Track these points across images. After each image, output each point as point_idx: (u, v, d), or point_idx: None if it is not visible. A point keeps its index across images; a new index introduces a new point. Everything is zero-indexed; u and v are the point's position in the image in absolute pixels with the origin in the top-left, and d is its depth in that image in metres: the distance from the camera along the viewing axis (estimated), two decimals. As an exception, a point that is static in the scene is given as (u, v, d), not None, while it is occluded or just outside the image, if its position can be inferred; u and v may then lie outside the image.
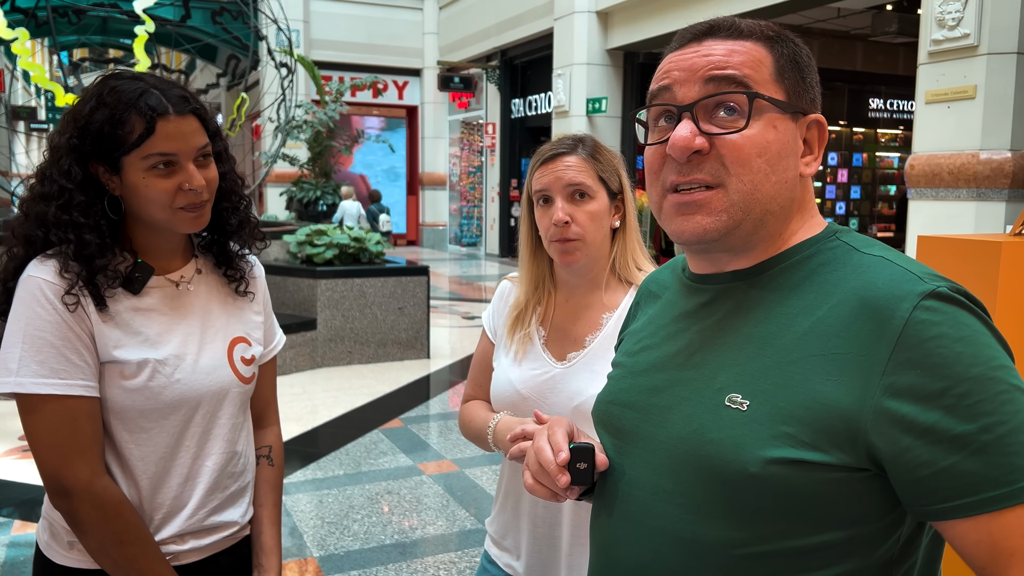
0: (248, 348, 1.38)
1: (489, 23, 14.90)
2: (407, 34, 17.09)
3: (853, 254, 0.83)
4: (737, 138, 0.82)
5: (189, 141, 1.21)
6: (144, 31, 6.27)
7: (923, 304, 0.74)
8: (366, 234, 6.79)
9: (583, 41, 11.48)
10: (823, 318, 0.79)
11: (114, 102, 1.19)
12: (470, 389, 1.61)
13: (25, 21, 7.25)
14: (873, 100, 14.61)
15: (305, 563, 3.17)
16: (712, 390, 0.85)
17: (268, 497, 1.45)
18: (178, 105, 1.21)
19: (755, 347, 0.83)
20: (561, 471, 0.92)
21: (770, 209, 0.85)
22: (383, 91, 16.84)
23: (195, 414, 1.30)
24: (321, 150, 11.74)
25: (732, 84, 0.83)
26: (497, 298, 1.59)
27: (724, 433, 0.81)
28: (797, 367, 0.79)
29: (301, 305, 6.45)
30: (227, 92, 16.45)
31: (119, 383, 1.23)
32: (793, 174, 0.86)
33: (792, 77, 0.86)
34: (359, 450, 4.54)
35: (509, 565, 1.51)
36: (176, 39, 9.22)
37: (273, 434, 1.51)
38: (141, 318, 1.26)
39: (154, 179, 1.20)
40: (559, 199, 1.39)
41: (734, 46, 0.85)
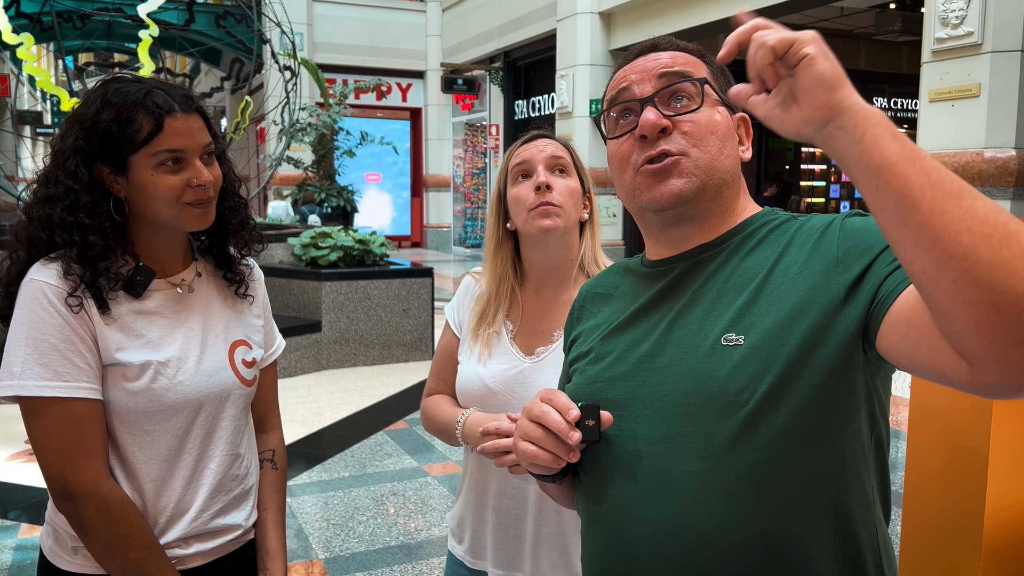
0: (249, 351, 1.39)
1: (492, 25, 14.92)
2: (410, 36, 17.11)
3: (794, 219, 1.00)
4: (693, 117, 0.98)
5: (196, 138, 1.23)
6: (148, 35, 6.30)
7: (849, 213, 0.95)
8: (370, 236, 6.81)
9: (586, 42, 11.48)
10: (781, 258, 0.94)
11: (120, 102, 1.20)
12: (433, 383, 1.60)
13: (30, 26, 7.29)
14: (877, 99, 14.58)
15: (311, 565, 3.18)
16: (706, 339, 0.93)
17: (272, 500, 1.45)
18: (183, 103, 1.23)
19: (732, 296, 0.94)
20: (572, 428, 0.95)
21: (725, 180, 0.99)
22: (387, 93, 16.85)
23: (197, 416, 1.30)
24: (325, 153, 11.76)
25: (681, 77, 0.99)
26: (461, 292, 1.59)
27: (731, 367, 0.89)
28: (775, 296, 0.91)
29: (306, 307, 6.46)
30: (231, 96, 16.48)
31: (122, 385, 1.23)
32: (736, 154, 1.02)
33: (723, 81, 1.04)
34: (364, 452, 4.55)
35: (475, 562, 1.52)
36: (180, 43, 9.26)
37: (276, 438, 1.52)
38: (143, 321, 1.26)
39: (162, 175, 1.21)
40: (541, 168, 1.44)
41: (675, 55, 1.03)
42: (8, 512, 3.69)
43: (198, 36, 9.52)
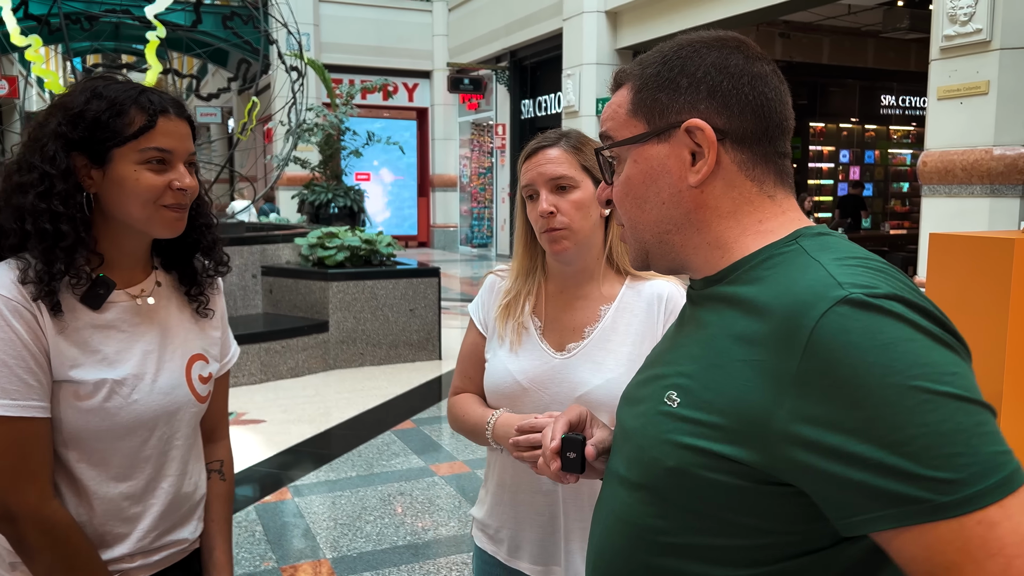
0: (206, 365, 1.35)
1: (498, 24, 14.91)
2: (417, 36, 17.12)
3: (801, 257, 0.81)
4: (612, 189, 0.95)
5: (184, 143, 1.22)
6: (155, 36, 6.31)
7: (835, 310, 0.71)
8: (376, 236, 6.81)
9: (592, 41, 11.47)
10: (753, 323, 0.79)
11: (114, 95, 1.18)
12: (459, 382, 1.60)
13: (38, 28, 7.32)
14: (885, 97, 14.53)
15: (319, 564, 3.19)
16: (660, 388, 0.88)
17: (219, 512, 1.42)
18: (176, 108, 1.22)
19: (699, 349, 0.86)
20: (553, 457, 1.05)
21: (662, 230, 0.90)
22: (393, 93, 16.87)
23: (152, 435, 1.26)
24: (332, 153, 11.77)
25: (604, 140, 0.95)
26: (485, 291, 1.59)
27: (656, 428, 0.86)
28: (724, 370, 0.80)
29: (313, 307, 6.47)
30: (238, 96, 16.52)
31: (73, 403, 1.18)
32: (672, 192, 0.88)
33: (647, 97, 0.89)
34: (371, 451, 4.56)
35: (511, 559, 1.52)
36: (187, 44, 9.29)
37: (224, 448, 1.48)
38: (100, 335, 1.21)
39: (146, 173, 1.18)
40: (543, 192, 1.43)
41: (611, 100, 0.95)
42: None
43: (205, 37, 9.54)
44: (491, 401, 1.51)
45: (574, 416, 1.09)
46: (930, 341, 0.70)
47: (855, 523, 0.71)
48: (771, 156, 0.88)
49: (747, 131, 0.86)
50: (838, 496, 0.71)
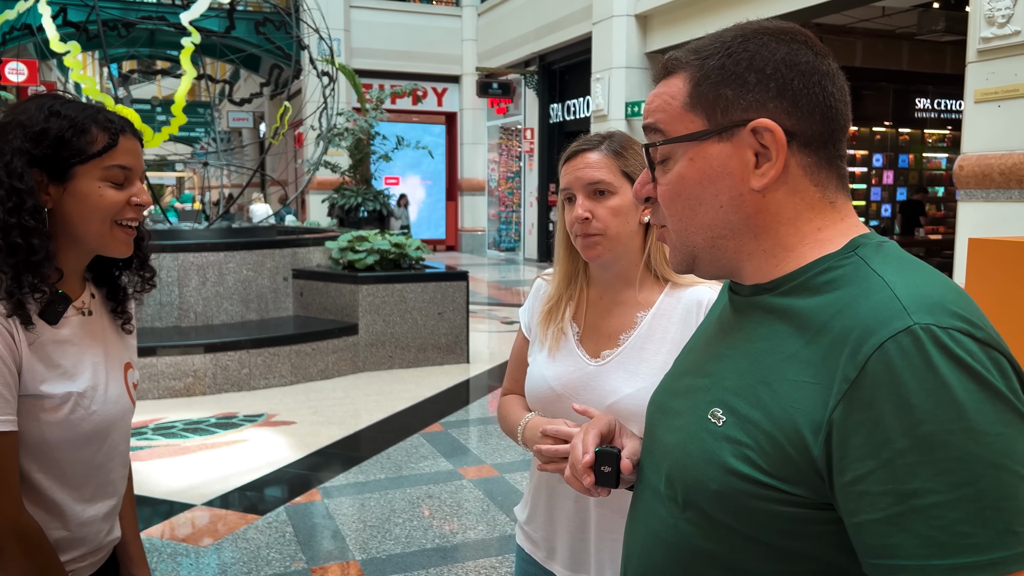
0: (134, 373, 1.41)
1: (527, 29, 14.94)
2: (446, 41, 17.22)
3: (863, 272, 0.77)
4: (658, 186, 0.87)
5: (140, 160, 1.28)
6: (190, 42, 6.41)
7: (894, 340, 0.68)
8: (406, 240, 6.85)
9: (621, 45, 11.44)
10: (808, 342, 0.76)
11: (74, 114, 1.22)
12: (507, 383, 1.63)
13: (77, 34, 7.47)
14: (920, 100, 14.32)
15: (348, 566, 3.21)
16: (704, 402, 0.85)
17: (128, 509, 1.47)
18: (131, 129, 1.27)
19: (747, 363, 0.82)
20: (586, 472, 1.00)
21: (716, 235, 0.84)
22: (422, 98, 16.97)
23: (104, 443, 1.30)
24: (362, 157, 11.87)
25: (651, 132, 0.87)
26: (532, 295, 1.61)
27: (700, 447, 0.82)
28: (772, 389, 0.77)
29: (343, 310, 6.52)
30: (270, 101, 16.72)
31: (38, 416, 1.20)
32: (732, 195, 0.82)
33: (710, 92, 0.82)
34: (400, 454, 4.58)
35: (547, 561, 1.52)
36: (221, 50, 9.42)
37: None
38: (60, 350, 1.24)
39: (108, 189, 1.23)
40: (580, 196, 1.42)
41: (659, 89, 0.87)
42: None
43: (238, 43, 9.67)
44: (530, 404, 1.52)
45: (604, 427, 1.05)
46: (975, 393, 0.66)
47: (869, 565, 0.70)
48: (834, 159, 0.83)
49: (814, 133, 0.81)
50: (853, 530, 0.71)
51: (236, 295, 6.48)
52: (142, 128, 6.51)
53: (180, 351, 5.69)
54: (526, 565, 1.57)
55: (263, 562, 3.23)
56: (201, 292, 6.35)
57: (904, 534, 0.67)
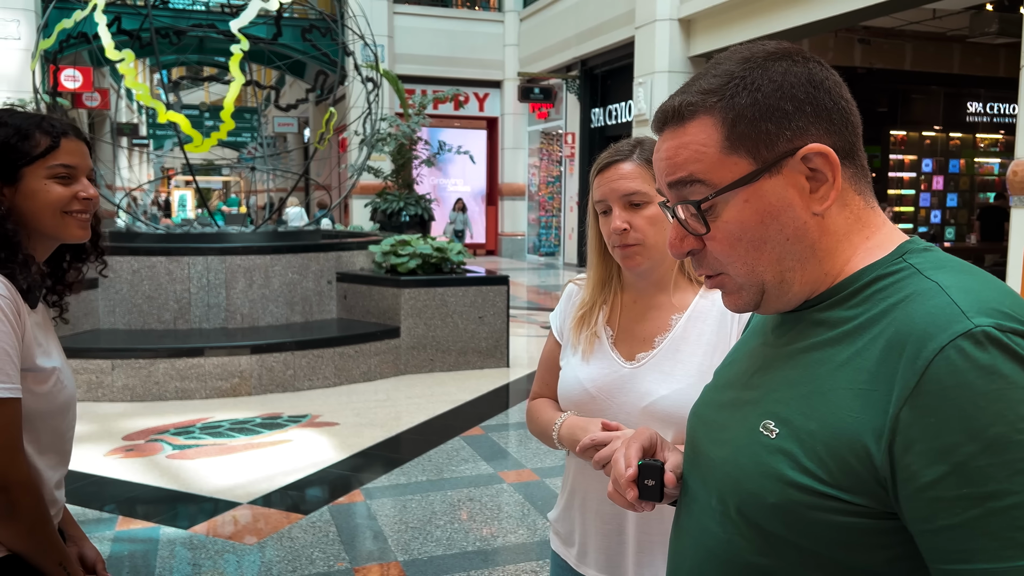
0: None
1: (569, 33, 14.94)
2: (488, 46, 17.30)
3: (915, 278, 0.77)
4: (711, 239, 0.83)
5: (85, 159, 1.41)
6: (239, 49, 6.54)
7: (955, 344, 0.68)
8: (447, 244, 6.90)
9: (664, 49, 11.38)
10: (861, 350, 0.76)
11: (18, 122, 1.36)
12: (537, 387, 1.64)
13: (130, 42, 7.67)
14: (971, 104, 13.99)
15: (389, 567, 3.24)
16: (755, 415, 0.84)
17: None
18: (74, 131, 1.40)
19: (798, 374, 0.82)
20: (629, 486, 0.98)
21: (784, 268, 0.82)
22: (464, 103, 17.07)
23: (69, 413, 1.45)
24: (404, 162, 11.99)
25: (687, 185, 0.82)
26: (564, 300, 1.61)
27: (753, 459, 0.82)
28: (827, 399, 0.77)
29: (385, 313, 6.59)
30: (315, 107, 16.96)
31: (30, 388, 1.35)
32: (797, 225, 0.81)
33: (750, 130, 0.80)
34: (441, 457, 4.61)
35: (580, 565, 1.52)
36: (268, 56, 9.58)
37: None
38: (40, 330, 1.40)
39: (54, 185, 1.37)
40: (616, 208, 1.42)
41: (680, 139, 0.83)
42: (105, 506, 3.87)
43: (285, 49, 9.84)
44: (563, 407, 1.53)
45: (646, 440, 1.03)
46: None
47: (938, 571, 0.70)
48: (863, 165, 0.84)
49: (848, 144, 0.82)
50: (924, 538, 0.70)
51: (282, 297, 6.59)
52: (191, 133, 6.67)
53: (227, 352, 5.80)
54: (560, 569, 1.58)
55: (307, 561, 3.27)
56: (248, 294, 6.47)
57: (985, 538, 0.66)
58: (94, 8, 6.43)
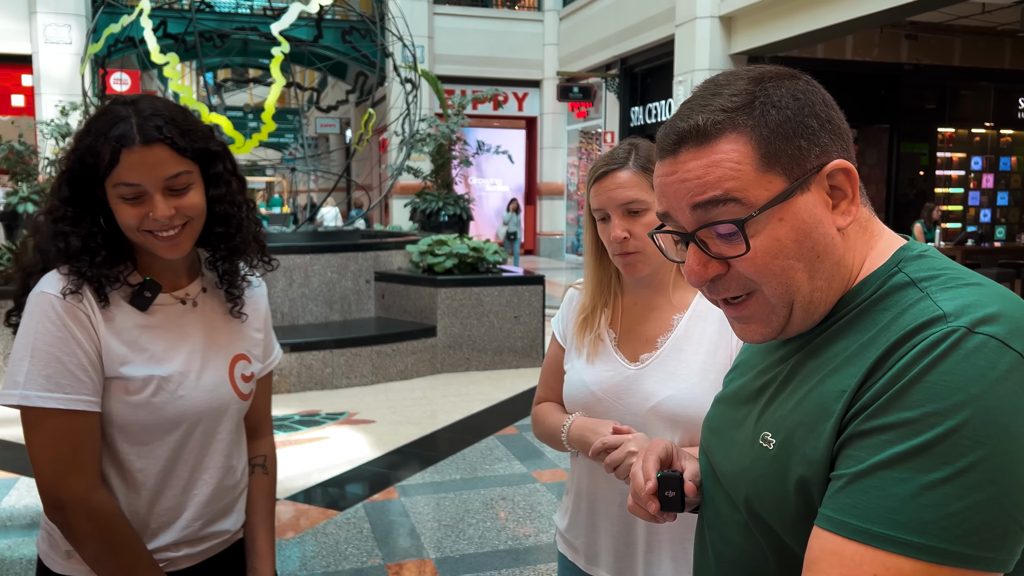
0: (248, 365, 1.42)
1: (609, 32, 14.88)
2: (527, 46, 17.31)
3: (908, 290, 0.79)
4: (744, 260, 0.80)
5: (155, 171, 1.21)
6: (280, 52, 6.64)
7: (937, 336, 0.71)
8: (484, 244, 6.93)
9: (705, 47, 11.27)
10: (852, 361, 0.77)
11: (96, 130, 1.23)
12: (541, 392, 1.65)
13: (175, 46, 7.84)
14: (1023, 100, 13.60)
15: (423, 564, 3.26)
16: (755, 428, 0.86)
17: (262, 504, 1.49)
18: (145, 135, 1.20)
19: (796, 384, 0.84)
20: (650, 498, 1.00)
21: (815, 288, 0.82)
22: (503, 103, 17.11)
23: (195, 430, 1.33)
24: (443, 162, 12.06)
25: (717, 206, 0.80)
26: (565, 304, 1.62)
27: (756, 472, 0.84)
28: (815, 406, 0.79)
29: (422, 313, 6.64)
30: (356, 108, 17.14)
31: (123, 398, 1.26)
32: (826, 242, 0.81)
33: (785, 146, 0.79)
34: (475, 455, 4.63)
35: (589, 567, 1.53)
36: (308, 58, 9.71)
37: (268, 444, 1.56)
38: (148, 335, 1.29)
39: (122, 205, 1.23)
40: (615, 217, 1.42)
41: (709, 158, 0.80)
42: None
43: (326, 51, 9.96)
44: (569, 411, 1.54)
45: (662, 452, 1.04)
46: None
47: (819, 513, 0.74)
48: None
49: (851, 155, 0.83)
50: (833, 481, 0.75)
51: (321, 296, 6.68)
52: (233, 135, 6.79)
53: (267, 349, 5.90)
54: (568, 572, 1.58)
55: (341, 556, 3.32)
56: (288, 293, 6.57)
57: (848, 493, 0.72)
58: (140, 13, 6.59)
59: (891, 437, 0.69)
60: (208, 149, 1.29)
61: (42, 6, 13.19)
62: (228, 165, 1.34)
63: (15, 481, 4.12)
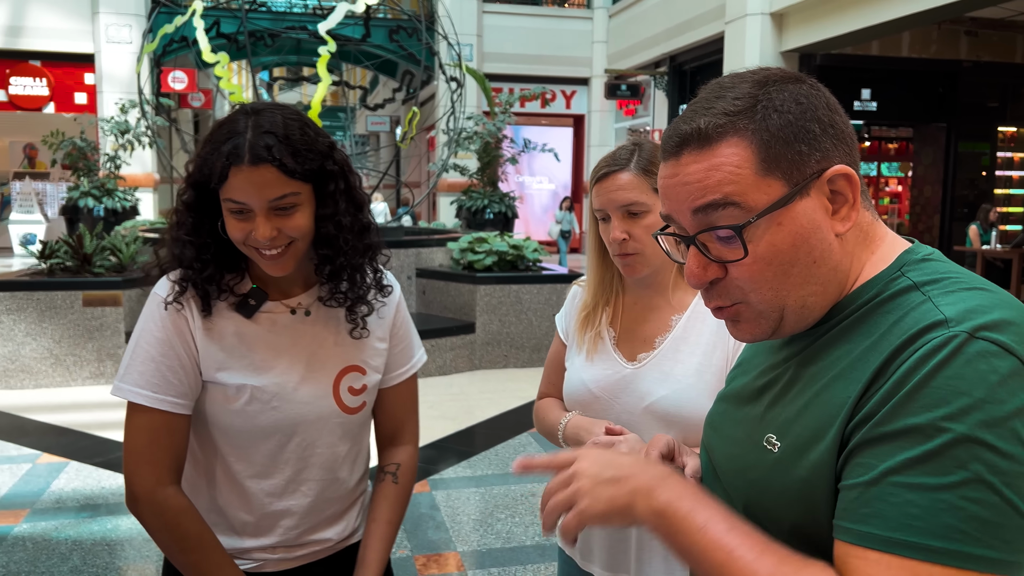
0: (360, 377, 1.37)
1: (658, 29, 14.75)
2: (576, 44, 17.26)
3: (911, 294, 0.79)
4: (741, 265, 0.81)
5: (260, 193, 1.19)
6: (326, 51, 6.76)
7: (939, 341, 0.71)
8: (524, 242, 6.95)
9: (755, 44, 11.11)
10: (856, 365, 0.78)
11: (214, 140, 1.22)
12: (544, 387, 1.67)
13: (228, 45, 8.04)
14: (1091, 98, 13.08)
15: (449, 557, 3.30)
16: (759, 430, 0.87)
17: (383, 513, 1.43)
18: (255, 155, 1.18)
19: (800, 388, 0.84)
20: None
21: (808, 292, 0.82)
22: (551, 101, 17.10)
23: (290, 440, 1.32)
24: (489, 160, 12.12)
25: (717, 210, 0.80)
26: (569, 301, 1.64)
27: (759, 473, 0.85)
28: (820, 410, 0.79)
29: (461, 309, 6.69)
30: (403, 106, 17.32)
31: (220, 403, 1.29)
32: (823, 247, 0.81)
33: (786, 151, 0.79)
34: (509, 451, 4.66)
35: (584, 563, 1.54)
36: (355, 56, 9.86)
37: (405, 453, 1.49)
38: (249, 343, 1.30)
39: (231, 219, 1.23)
40: (615, 218, 1.43)
41: (709, 161, 0.80)
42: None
43: (373, 49, 10.10)
44: (568, 407, 1.55)
45: (663, 447, 1.06)
46: None
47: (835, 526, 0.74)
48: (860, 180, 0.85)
49: (855, 160, 0.83)
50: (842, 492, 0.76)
51: (362, 291, 6.77)
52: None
53: (308, 343, 6.01)
54: (567, 567, 1.60)
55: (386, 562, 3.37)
56: (330, 288, 6.68)
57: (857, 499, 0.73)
58: (193, 13, 6.78)
59: (901, 444, 0.70)
60: (322, 168, 1.25)
61: (104, 7, 13.63)
62: (342, 184, 1.29)
63: (65, 465, 4.29)
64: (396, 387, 1.46)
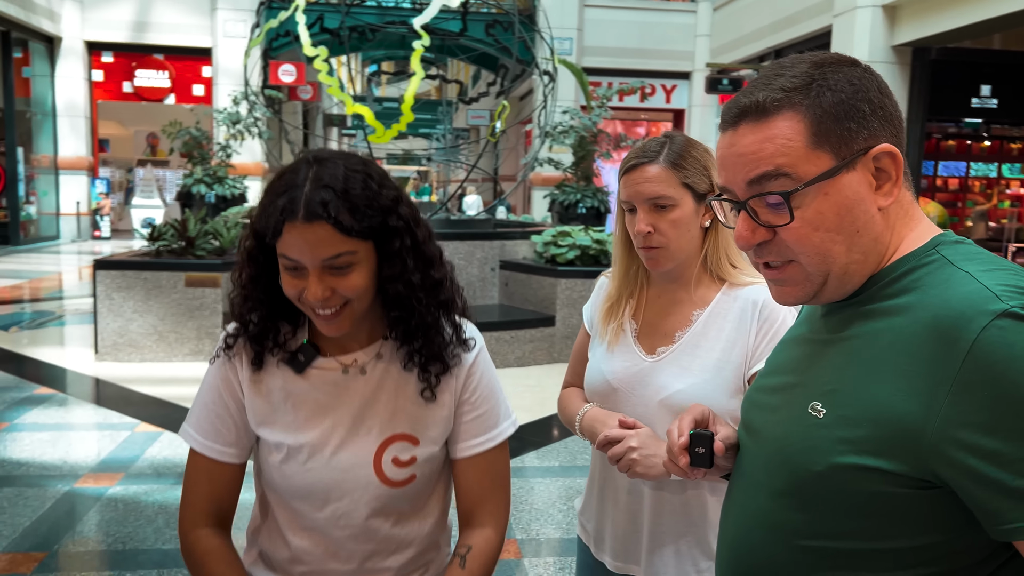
0: (410, 448, 1.26)
1: (763, 23, 14.34)
2: (678, 37, 16.98)
3: (945, 268, 0.85)
4: (788, 229, 0.88)
5: (314, 251, 1.12)
6: (420, 45, 6.92)
7: (995, 324, 0.75)
8: (607, 236, 6.92)
9: (865, 38, 10.64)
10: (901, 334, 0.83)
11: (274, 190, 1.16)
12: (568, 377, 1.69)
13: (329, 40, 8.33)
14: None
15: (508, 543, 3.36)
16: (803, 397, 0.92)
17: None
18: (312, 211, 1.11)
19: (844, 359, 0.89)
20: (682, 452, 1.09)
21: (851, 260, 0.88)
22: (650, 95, 16.88)
23: (324, 507, 1.25)
24: (584, 155, 12.07)
25: (769, 180, 0.87)
26: (596, 292, 1.65)
27: (802, 438, 0.90)
28: (871, 380, 0.84)
29: (542, 302, 6.73)
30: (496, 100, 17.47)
31: (264, 456, 1.29)
32: (866, 219, 0.88)
33: (836, 127, 0.86)
34: (577, 444, 4.67)
35: (597, 551, 1.56)
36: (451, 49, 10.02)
37: (482, 536, 1.31)
38: (294, 400, 1.25)
39: (286, 275, 1.17)
40: (641, 211, 1.43)
41: (764, 133, 0.87)
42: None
43: (470, 42, 10.24)
44: (588, 397, 1.57)
45: (698, 414, 1.11)
46: None
47: (1006, 530, 0.75)
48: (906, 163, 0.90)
49: (901, 145, 0.89)
50: (991, 501, 0.76)
51: (447, 281, 6.92)
52: (375, 124, 7.15)
53: (392, 329, 6.19)
54: (582, 554, 1.62)
55: None
56: (416, 276, 6.85)
57: None
58: (296, 9, 7.06)
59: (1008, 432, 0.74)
60: (384, 225, 1.17)
61: (222, 3, 14.36)
62: (408, 240, 1.19)
63: (159, 435, 4.59)
64: (471, 459, 1.31)
